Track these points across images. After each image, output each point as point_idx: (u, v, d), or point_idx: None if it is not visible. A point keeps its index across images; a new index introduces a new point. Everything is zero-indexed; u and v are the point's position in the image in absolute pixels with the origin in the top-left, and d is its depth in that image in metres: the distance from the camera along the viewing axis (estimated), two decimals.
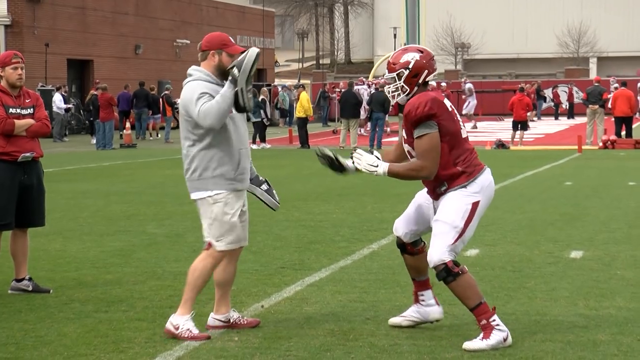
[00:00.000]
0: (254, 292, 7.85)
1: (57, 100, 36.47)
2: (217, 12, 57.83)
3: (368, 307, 7.27)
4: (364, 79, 45.26)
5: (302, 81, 54.59)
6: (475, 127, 39.93)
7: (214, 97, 6.32)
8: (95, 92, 34.04)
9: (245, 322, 6.68)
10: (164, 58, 51.91)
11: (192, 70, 6.54)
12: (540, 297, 7.58)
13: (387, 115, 32.28)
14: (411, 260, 6.62)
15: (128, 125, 33.68)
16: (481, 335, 6.07)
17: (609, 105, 29.69)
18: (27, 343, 6.32)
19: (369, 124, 32.33)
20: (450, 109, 6.26)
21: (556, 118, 51.07)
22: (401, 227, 6.59)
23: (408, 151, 6.37)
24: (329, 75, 69.64)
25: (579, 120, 46.98)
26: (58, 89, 37.68)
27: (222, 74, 6.46)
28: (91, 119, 34.58)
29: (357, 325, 6.70)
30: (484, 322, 6.08)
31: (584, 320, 6.78)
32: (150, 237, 11.06)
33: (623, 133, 29.70)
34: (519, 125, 30.16)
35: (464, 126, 6.37)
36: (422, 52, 6.36)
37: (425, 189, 6.47)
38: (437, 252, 6.13)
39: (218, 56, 6.46)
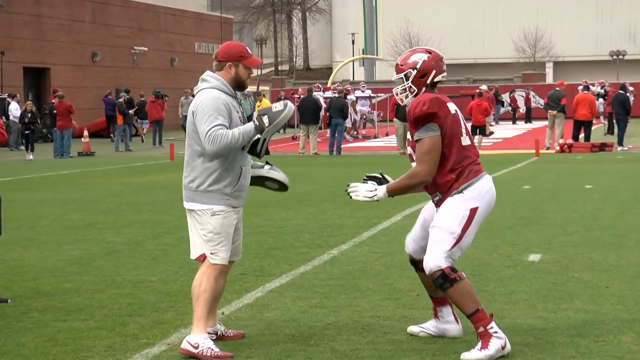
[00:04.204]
0: None
1: (13, 109, 36.17)
2: (175, 19, 57.67)
3: (329, 312, 7.28)
4: (320, 85, 44.96)
5: (260, 88, 54.52)
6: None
7: (229, 113, 6.13)
8: (30, 103, 33.93)
9: (231, 335, 6.52)
10: (121, 65, 51.68)
11: (208, 76, 6.29)
12: (500, 300, 7.63)
13: (345, 121, 32.33)
14: (425, 277, 6.45)
15: (86, 133, 33.44)
16: (479, 345, 5.95)
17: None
18: None
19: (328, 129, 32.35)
20: (453, 112, 6.14)
21: (514, 122, 51.49)
22: (410, 244, 6.50)
23: (410, 154, 6.27)
24: (287, 81, 69.59)
25: (536, 124, 47.41)
26: (13, 97, 37.37)
27: (238, 85, 6.30)
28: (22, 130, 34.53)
29: (318, 330, 6.71)
30: (481, 329, 5.97)
31: (543, 323, 6.83)
32: (109, 246, 11.00)
33: (581, 136, 30.02)
34: (478, 130, 30.34)
35: (466, 133, 6.22)
36: (430, 53, 6.28)
37: (430, 201, 6.37)
38: (434, 258, 6.03)
39: (235, 68, 6.25)
